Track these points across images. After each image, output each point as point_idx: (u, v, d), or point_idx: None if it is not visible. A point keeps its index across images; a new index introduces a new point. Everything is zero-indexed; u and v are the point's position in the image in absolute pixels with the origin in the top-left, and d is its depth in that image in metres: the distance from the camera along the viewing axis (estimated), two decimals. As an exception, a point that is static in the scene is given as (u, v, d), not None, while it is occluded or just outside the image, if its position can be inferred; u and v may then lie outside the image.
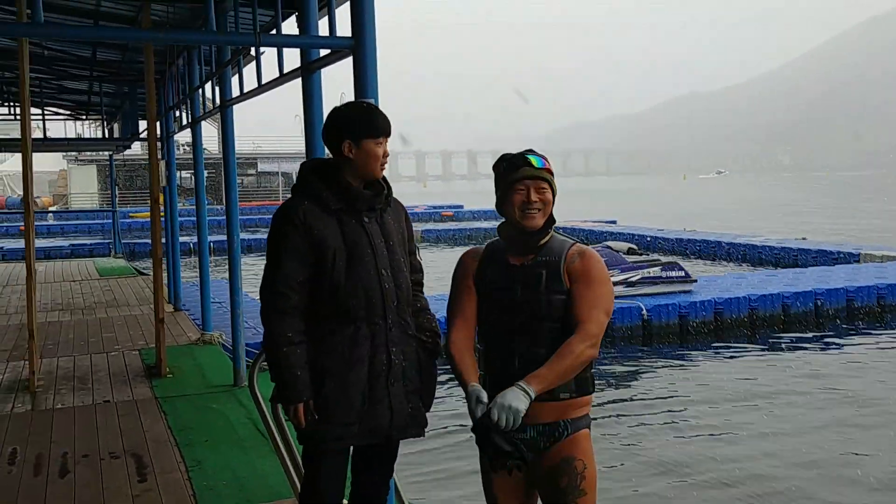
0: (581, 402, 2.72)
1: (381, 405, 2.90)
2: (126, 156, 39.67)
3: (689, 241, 25.00)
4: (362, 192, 2.93)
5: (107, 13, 7.90)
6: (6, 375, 7.42)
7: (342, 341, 2.87)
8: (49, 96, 13.72)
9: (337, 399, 2.86)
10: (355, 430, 2.88)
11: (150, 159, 7.42)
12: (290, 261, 2.85)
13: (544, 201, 2.73)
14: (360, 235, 2.91)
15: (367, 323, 2.89)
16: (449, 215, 42.92)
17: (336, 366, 2.86)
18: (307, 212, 2.87)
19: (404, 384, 2.96)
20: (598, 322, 2.65)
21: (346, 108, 2.99)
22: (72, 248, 26.09)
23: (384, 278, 2.93)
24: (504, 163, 2.78)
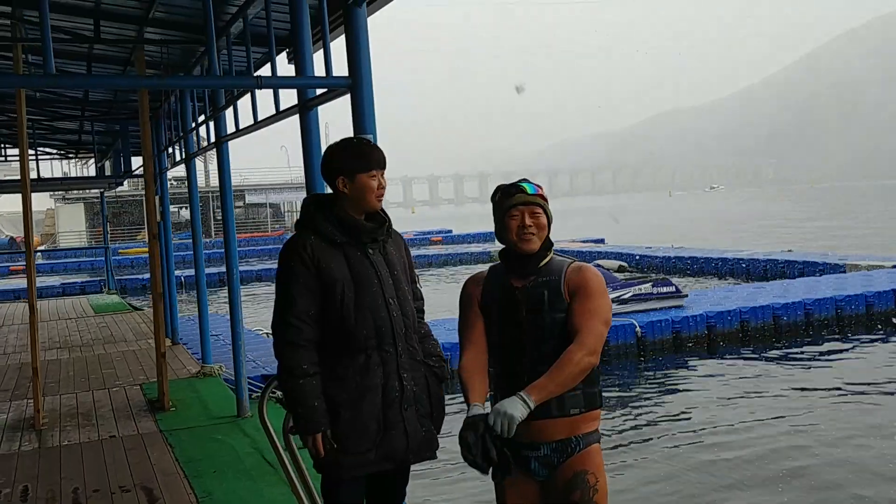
0: (591, 417, 2.81)
1: (397, 430, 2.98)
2: (113, 193, 39.70)
3: (678, 258, 25.24)
4: (365, 225, 3.03)
5: (100, 55, 8.07)
6: (10, 414, 7.48)
7: (354, 370, 2.96)
8: (41, 136, 13.85)
9: (352, 427, 2.93)
10: (372, 457, 2.96)
11: (147, 196, 7.56)
12: (300, 295, 2.92)
13: (538, 225, 2.82)
14: (366, 267, 3.00)
15: (377, 351, 2.98)
16: (438, 240, 43.12)
17: (349, 395, 2.94)
18: (314, 246, 2.96)
19: (417, 409, 3.04)
20: (594, 331, 2.72)
21: (339, 146, 3.09)
22: (63, 286, 26.08)
23: (392, 307, 3.01)
24: (499, 193, 2.91)
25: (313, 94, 4.46)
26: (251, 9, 5.36)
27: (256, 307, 19.72)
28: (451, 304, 13.01)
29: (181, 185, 37.24)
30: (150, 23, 6.49)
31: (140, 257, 36.50)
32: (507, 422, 2.58)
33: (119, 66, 8.35)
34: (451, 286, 24.34)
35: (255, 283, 27.81)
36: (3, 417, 7.39)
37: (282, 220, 57.34)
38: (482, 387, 2.80)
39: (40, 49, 7.76)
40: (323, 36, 4.07)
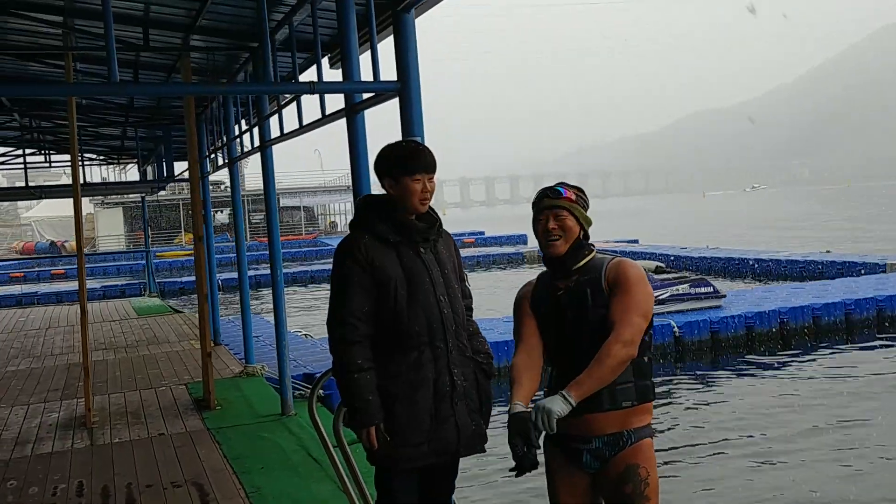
0: (642, 410, 2.85)
1: (448, 424, 3.07)
2: (152, 197, 40.33)
3: (713, 259, 25.03)
4: (416, 225, 3.12)
5: (146, 63, 8.26)
6: (62, 413, 7.69)
7: (407, 366, 3.05)
8: (86, 143, 14.16)
9: (406, 421, 3.02)
10: (425, 450, 3.04)
11: (192, 200, 7.72)
12: (354, 293, 3.02)
13: (564, 228, 2.87)
14: (418, 265, 3.09)
15: (429, 347, 3.07)
16: (471, 242, 43.16)
17: (403, 389, 3.03)
18: (367, 245, 3.05)
19: (467, 403, 3.13)
20: (631, 323, 2.74)
21: (389, 148, 3.19)
22: (104, 289, 26.57)
23: (442, 304, 3.11)
24: (534, 198, 3.01)
25: (360, 98, 4.56)
26: (297, 15, 5.48)
27: (293, 310, 19.95)
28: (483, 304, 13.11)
29: (216, 189, 37.71)
30: (197, 30, 6.64)
31: (177, 261, 37.07)
32: (545, 416, 2.64)
33: (164, 73, 8.54)
34: (483, 288, 24.38)
35: (292, 285, 28.09)
36: (55, 416, 7.61)
37: (315, 224, 57.77)
38: (529, 385, 2.85)
39: (89, 57, 8.03)
40: (371, 40, 4.16)
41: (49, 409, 7.87)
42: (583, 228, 2.92)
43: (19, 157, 14.64)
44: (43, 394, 8.63)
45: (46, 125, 12.77)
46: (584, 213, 2.92)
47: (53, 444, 6.66)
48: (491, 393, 3.30)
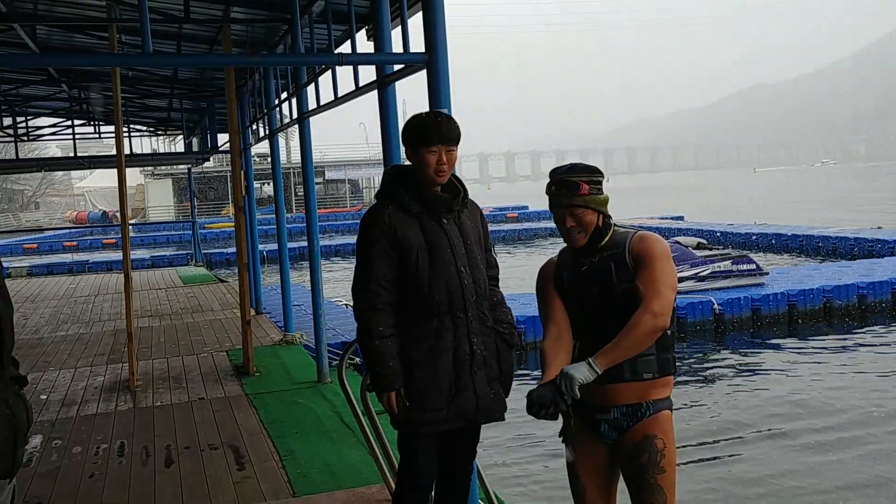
0: (662, 383, 2.86)
1: (468, 391, 3.13)
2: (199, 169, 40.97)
3: (761, 235, 24.66)
4: (440, 196, 3.16)
5: (188, 35, 8.39)
6: (107, 377, 7.95)
7: (428, 333, 3.11)
8: (133, 114, 14.46)
9: (426, 387, 3.09)
10: (444, 415, 3.12)
11: (234, 171, 7.85)
12: (378, 261, 3.08)
13: (582, 223, 2.88)
14: (440, 236, 3.13)
15: (449, 316, 3.12)
16: (514, 216, 43.08)
17: (424, 356, 3.10)
18: (391, 215, 3.10)
19: (487, 372, 3.18)
20: (660, 294, 2.74)
21: (411, 119, 3.20)
22: (152, 258, 27.18)
23: (463, 275, 3.15)
24: (548, 183, 2.98)
25: (391, 70, 4.59)
26: (332, -13, 5.52)
27: (335, 280, 20.19)
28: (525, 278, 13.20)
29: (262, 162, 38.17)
30: (236, 2, 6.73)
31: (224, 231, 37.69)
32: (567, 382, 2.67)
33: (206, 45, 8.66)
34: (525, 262, 24.35)
35: (335, 257, 28.38)
36: (100, 379, 7.86)
37: (360, 197, 58.16)
38: (556, 362, 2.85)
39: (133, 29, 8.18)
40: (401, 13, 4.19)
41: (95, 373, 8.14)
42: (601, 212, 2.90)
43: (69, 127, 15.00)
44: (90, 358, 8.91)
45: (95, 97, 13.05)
46: (598, 199, 2.89)
47: (98, 406, 6.90)
48: (512, 362, 3.35)
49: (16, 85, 11.75)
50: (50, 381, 7.83)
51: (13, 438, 2.15)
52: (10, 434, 2.14)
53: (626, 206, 44.67)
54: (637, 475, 2.82)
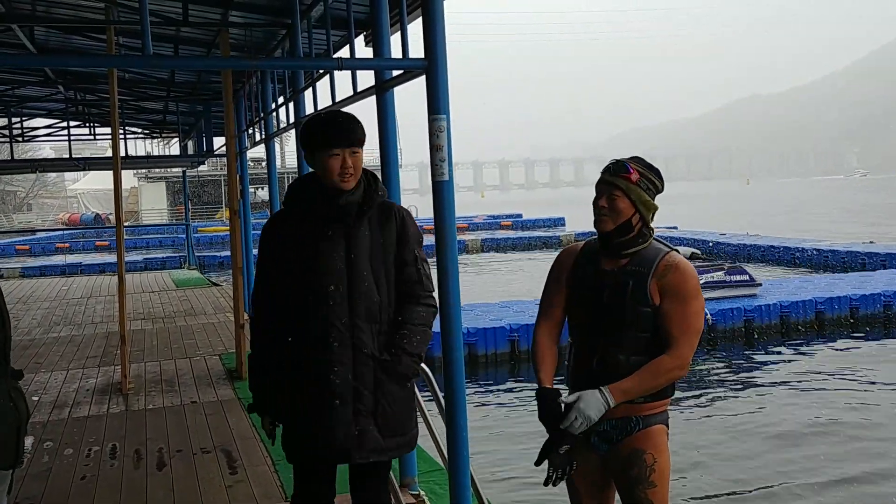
0: (656, 404, 2.79)
1: (323, 426, 2.80)
2: (193, 172, 40.92)
3: (753, 246, 24.74)
4: (337, 205, 2.82)
5: (186, 38, 8.39)
6: (99, 379, 7.91)
7: (290, 359, 2.84)
8: (129, 116, 14.44)
9: (287, 418, 2.88)
10: (308, 450, 2.87)
11: (229, 175, 7.85)
12: (269, 272, 2.90)
13: (613, 208, 2.75)
14: (322, 250, 2.82)
15: (313, 339, 2.80)
16: (508, 224, 43.12)
17: (287, 385, 2.85)
18: (278, 222, 2.92)
19: (354, 406, 2.80)
20: (691, 344, 2.69)
21: (310, 121, 2.95)
22: (145, 261, 27.11)
23: (332, 294, 2.79)
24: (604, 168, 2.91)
25: (390, 75, 4.60)
26: (332, -8, 5.53)
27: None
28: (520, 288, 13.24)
29: (257, 166, 38.14)
30: (235, 6, 6.73)
31: (218, 235, 37.63)
32: (585, 423, 2.65)
33: (203, 48, 8.66)
34: (520, 270, 24.37)
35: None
36: (93, 382, 7.83)
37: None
38: (552, 364, 2.84)
39: (131, 31, 8.18)
40: (401, 19, 4.19)
41: (87, 375, 8.10)
42: (639, 212, 2.77)
43: (65, 129, 14.96)
44: (82, 360, 8.87)
45: (91, 98, 13.03)
46: (643, 197, 2.76)
47: (90, 408, 6.87)
48: (403, 395, 2.92)
49: (12, 86, 11.74)
50: (42, 383, 7.79)
51: (17, 429, 2.19)
52: (14, 425, 2.18)
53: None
54: (627, 489, 2.79)
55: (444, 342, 3.91)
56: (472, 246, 31.41)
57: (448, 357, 3.87)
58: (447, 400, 3.88)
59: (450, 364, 3.86)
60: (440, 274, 3.89)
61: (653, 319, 2.71)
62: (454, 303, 3.87)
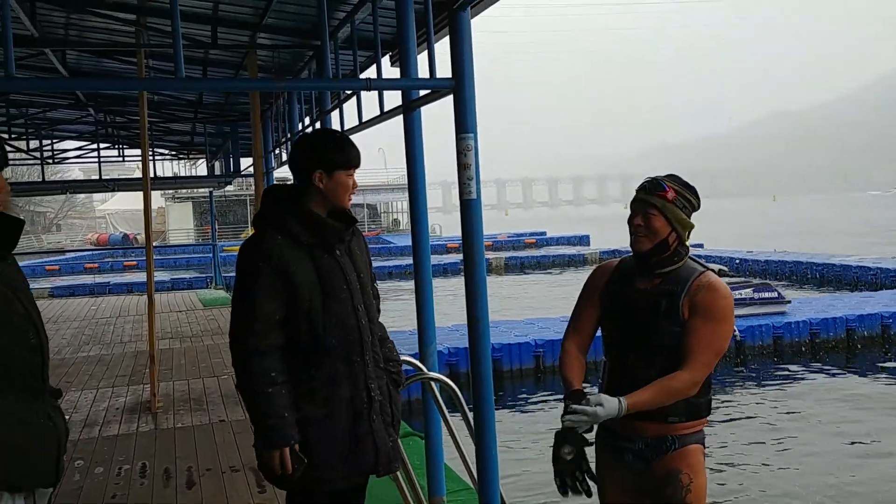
0: (692, 424, 2.78)
1: (366, 443, 2.83)
2: (220, 192, 41.33)
3: (781, 263, 24.49)
4: (333, 225, 2.83)
5: (214, 60, 8.50)
6: (129, 398, 7.98)
7: (321, 381, 2.78)
8: (157, 138, 14.63)
9: (320, 442, 2.76)
10: (341, 472, 2.81)
11: (257, 195, 7.92)
12: (267, 298, 2.70)
13: (649, 227, 2.73)
14: (335, 270, 2.81)
15: (344, 361, 2.81)
16: (532, 242, 43.04)
17: (318, 407, 2.77)
18: (282, 247, 2.74)
19: (383, 418, 2.89)
20: (707, 363, 2.66)
21: (321, 136, 2.97)
22: (172, 281, 27.34)
23: (360, 314, 2.84)
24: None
25: (416, 95, 4.63)
26: (359, 14, 5.59)
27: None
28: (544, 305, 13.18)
29: (283, 186, 38.40)
30: (263, 28, 6.81)
31: (243, 255, 37.84)
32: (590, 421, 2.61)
33: (231, 70, 8.77)
34: (543, 288, 24.30)
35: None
36: (122, 400, 7.90)
37: (378, 221, 58.40)
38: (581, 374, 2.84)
39: (160, 54, 8.31)
40: (427, 38, 4.23)
41: (116, 394, 8.18)
42: (675, 231, 2.75)
43: (94, 150, 15.20)
44: (111, 379, 8.96)
45: (120, 120, 13.23)
46: (679, 216, 2.73)
47: (119, 426, 6.92)
48: (401, 402, 3.07)
49: (43, 108, 11.95)
50: (72, 402, 7.87)
51: (57, 448, 2.22)
52: (54, 444, 2.20)
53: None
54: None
55: (473, 358, 3.90)
56: (495, 264, 31.36)
57: (477, 373, 3.87)
58: (476, 417, 3.87)
59: (478, 380, 3.85)
60: (469, 292, 3.90)
61: (673, 347, 2.69)
62: (483, 319, 3.87)
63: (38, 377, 2.19)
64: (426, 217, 4.93)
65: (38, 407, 2.19)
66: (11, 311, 2.12)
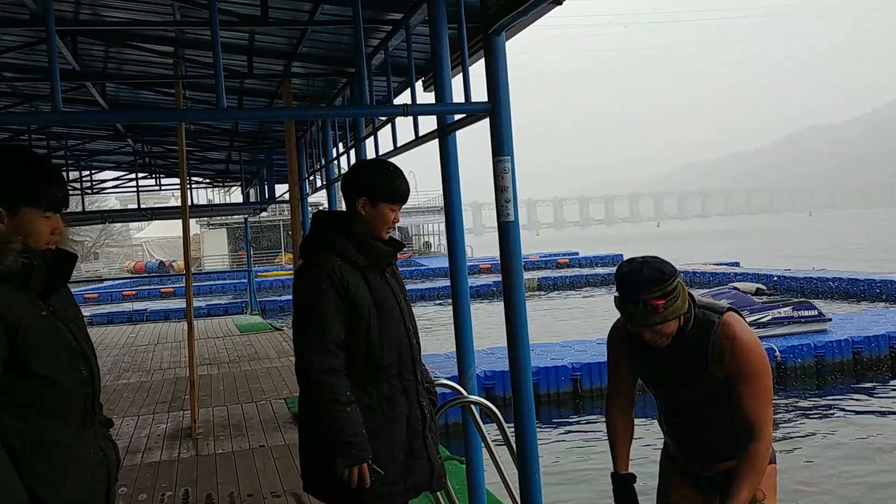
0: None
1: (422, 459, 2.92)
2: (252, 219, 41.76)
3: (820, 280, 24.10)
4: (382, 248, 2.93)
5: (250, 89, 8.65)
6: (169, 424, 8.05)
7: (379, 399, 2.86)
8: (193, 166, 14.87)
9: (381, 458, 2.81)
10: (401, 488, 2.87)
11: (293, 221, 8.00)
12: (333, 319, 2.77)
13: (663, 334, 2.65)
14: (387, 292, 2.91)
15: (399, 379, 2.90)
16: (564, 262, 42.85)
17: (378, 425, 2.83)
18: (342, 269, 2.82)
19: (433, 437, 3.00)
20: (767, 418, 2.60)
21: (373, 165, 3.03)
22: (208, 307, 27.63)
23: (410, 333, 2.95)
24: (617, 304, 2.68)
25: (451, 119, 4.66)
26: (392, 41, 5.66)
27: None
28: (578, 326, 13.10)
29: (313, 211, 38.76)
30: (297, 57, 6.93)
31: (278, 279, 38.21)
32: None
33: (266, 98, 8.91)
34: (578, 309, 24.15)
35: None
36: (163, 427, 7.96)
37: (409, 244, 58.59)
38: (628, 445, 2.80)
39: (196, 85, 8.46)
40: (462, 63, 4.26)
41: (157, 421, 8.25)
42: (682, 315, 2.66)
43: (132, 180, 15.47)
44: (152, 405, 9.05)
45: (157, 150, 13.47)
46: (678, 307, 2.61)
47: (161, 453, 6.97)
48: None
49: (83, 140, 12.20)
50: (114, 429, 7.85)
51: (107, 479, 2.24)
52: (104, 475, 2.22)
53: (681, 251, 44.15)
54: None
55: (514, 382, 3.89)
56: (528, 285, 31.26)
57: (518, 396, 3.85)
58: (518, 442, 3.85)
59: (520, 404, 3.83)
60: (508, 313, 3.90)
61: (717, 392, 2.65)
62: (523, 343, 3.87)
63: (88, 408, 2.22)
64: (463, 240, 4.94)
65: (89, 437, 2.22)
66: (63, 342, 2.15)
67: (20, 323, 2.03)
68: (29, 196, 2.14)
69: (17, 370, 2.04)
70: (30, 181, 2.15)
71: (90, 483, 2.19)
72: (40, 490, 2.05)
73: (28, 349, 2.04)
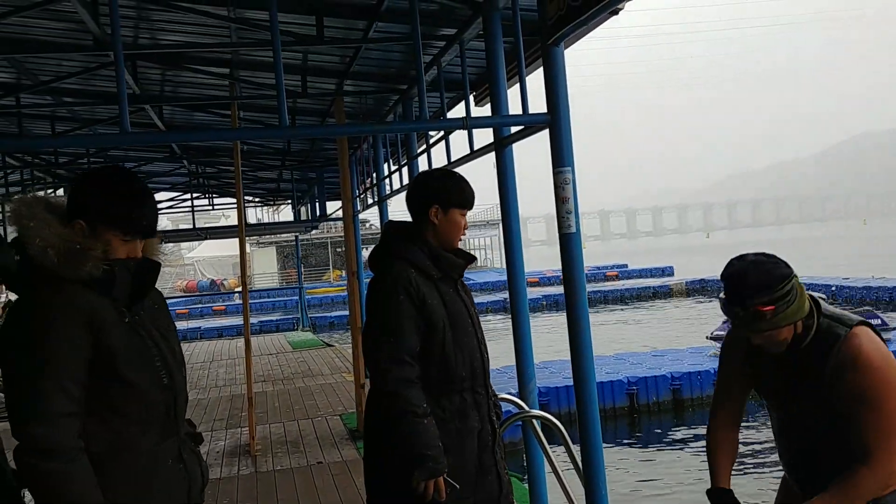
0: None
1: (492, 475, 2.89)
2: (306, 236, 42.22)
3: (881, 289, 23.47)
4: (456, 261, 2.92)
5: (302, 108, 8.74)
6: (228, 441, 8.12)
7: (452, 413, 2.84)
8: (245, 186, 15.08)
9: (454, 473, 2.78)
10: (471, 502, 2.85)
11: (346, 238, 8.04)
12: (409, 330, 2.76)
13: (774, 341, 2.40)
14: (459, 304, 2.91)
15: (471, 393, 2.88)
16: (614, 275, 42.46)
17: (451, 438, 2.80)
18: (419, 281, 2.81)
19: (503, 452, 2.98)
20: (890, 450, 2.26)
21: (442, 174, 3.05)
22: (260, 324, 27.94)
23: (482, 346, 2.95)
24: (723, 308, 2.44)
25: (508, 131, 4.64)
26: (445, 56, 5.67)
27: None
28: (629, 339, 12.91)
29: (363, 227, 39.12)
30: (349, 76, 6.98)
31: (327, 296, 38.53)
32: None
33: (318, 117, 9.00)
34: (628, 323, 23.84)
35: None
36: (221, 444, 8.04)
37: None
38: (730, 458, 2.60)
39: (249, 106, 8.58)
40: (519, 75, 4.24)
41: (216, 438, 8.33)
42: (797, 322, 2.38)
43: (187, 200, 15.76)
44: (210, 423, 9.14)
45: (210, 170, 13.69)
46: (792, 312, 2.33)
47: (221, 470, 7.04)
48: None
49: (139, 162, 12.46)
50: (174, 446, 8.05)
51: (186, 493, 2.23)
52: (183, 488, 2.22)
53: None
54: None
55: (579, 396, 3.82)
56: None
57: (583, 413, 3.77)
58: (584, 457, 3.77)
59: (585, 420, 3.76)
60: (571, 326, 3.84)
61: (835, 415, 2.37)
62: (587, 355, 3.80)
63: (170, 416, 2.23)
64: (521, 253, 4.90)
65: (169, 446, 2.22)
66: (145, 350, 2.18)
67: (103, 326, 2.07)
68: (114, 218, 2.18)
69: (100, 374, 2.07)
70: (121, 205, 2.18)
71: (165, 492, 2.18)
72: (115, 495, 2.06)
73: (111, 353, 2.08)
